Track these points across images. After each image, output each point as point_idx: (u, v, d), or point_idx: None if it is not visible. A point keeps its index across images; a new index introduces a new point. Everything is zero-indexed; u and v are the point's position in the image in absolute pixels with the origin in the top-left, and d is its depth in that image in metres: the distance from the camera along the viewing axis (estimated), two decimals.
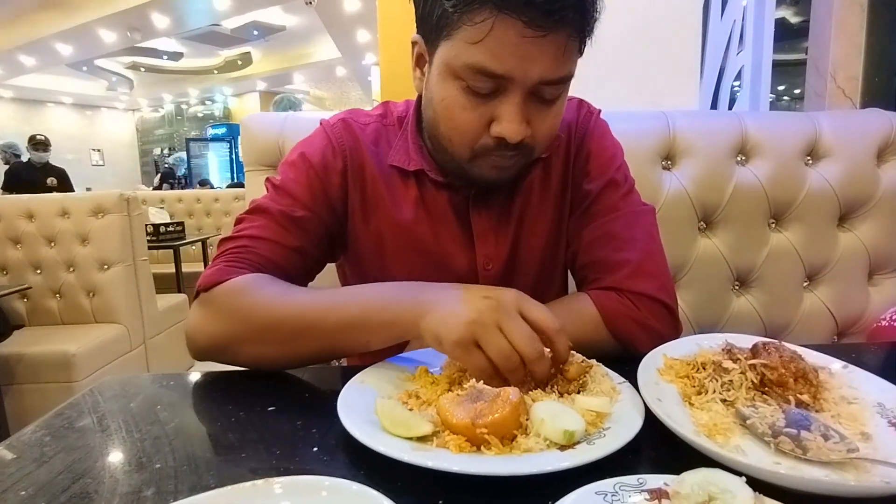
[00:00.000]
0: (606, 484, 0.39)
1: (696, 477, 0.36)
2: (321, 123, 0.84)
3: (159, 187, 7.08)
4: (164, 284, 3.37)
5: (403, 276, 0.77)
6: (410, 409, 0.52)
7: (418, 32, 0.70)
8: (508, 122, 0.64)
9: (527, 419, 0.47)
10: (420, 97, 0.78)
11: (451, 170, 0.77)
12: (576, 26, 0.62)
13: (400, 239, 0.80)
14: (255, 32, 9.52)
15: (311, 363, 0.69)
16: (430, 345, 0.57)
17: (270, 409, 0.57)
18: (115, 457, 0.49)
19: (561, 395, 0.54)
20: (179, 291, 3.51)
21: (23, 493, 0.43)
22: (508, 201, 0.81)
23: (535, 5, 0.57)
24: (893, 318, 1.11)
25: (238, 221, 0.78)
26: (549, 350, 0.54)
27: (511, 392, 0.47)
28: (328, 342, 0.65)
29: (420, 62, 0.73)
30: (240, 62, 11.59)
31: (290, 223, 0.76)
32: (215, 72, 12.16)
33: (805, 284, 1.22)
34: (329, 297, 0.66)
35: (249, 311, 0.66)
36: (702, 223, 1.20)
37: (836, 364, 0.59)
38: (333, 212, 0.80)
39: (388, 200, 0.80)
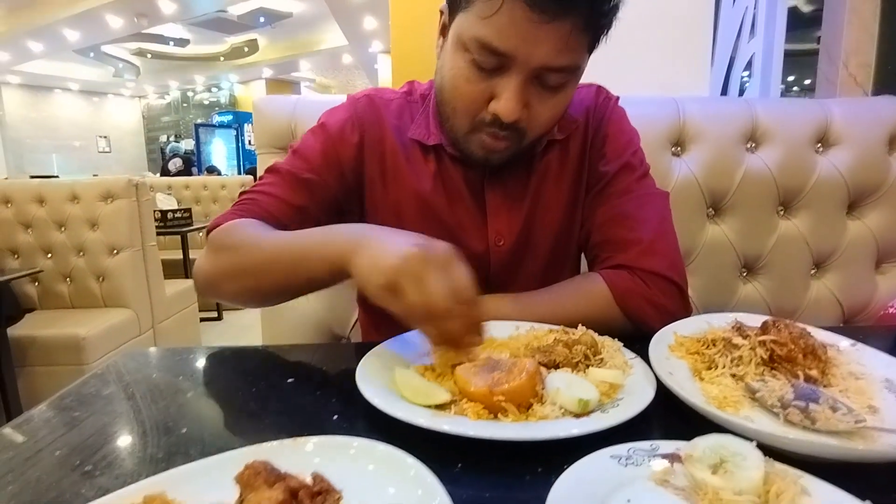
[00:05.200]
0: (621, 448, 0.40)
1: (708, 441, 0.38)
2: (348, 98, 0.87)
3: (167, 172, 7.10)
4: (172, 270, 3.38)
5: None
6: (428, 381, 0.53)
7: (446, 2, 0.72)
8: (506, 100, 0.66)
9: (542, 388, 0.48)
10: None
11: (451, 142, 0.79)
12: (584, 18, 0.63)
13: (417, 209, 0.82)
14: (262, 19, 9.48)
15: (282, 298, 0.75)
16: (360, 286, 0.57)
17: (289, 380, 0.59)
18: (143, 422, 0.50)
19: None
20: (187, 277, 3.53)
21: (57, 452, 0.45)
22: (524, 180, 0.82)
23: None
24: None
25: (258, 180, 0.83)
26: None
27: (527, 362, 0.48)
28: (284, 276, 0.68)
29: (444, 31, 0.74)
30: (246, 49, 11.55)
31: (296, 183, 0.79)
32: (221, 59, 12.13)
33: (812, 272, 1.22)
34: (291, 235, 0.70)
35: (232, 247, 0.72)
36: (710, 209, 1.20)
37: (844, 342, 0.60)
38: (343, 180, 0.82)
39: (408, 172, 0.82)
